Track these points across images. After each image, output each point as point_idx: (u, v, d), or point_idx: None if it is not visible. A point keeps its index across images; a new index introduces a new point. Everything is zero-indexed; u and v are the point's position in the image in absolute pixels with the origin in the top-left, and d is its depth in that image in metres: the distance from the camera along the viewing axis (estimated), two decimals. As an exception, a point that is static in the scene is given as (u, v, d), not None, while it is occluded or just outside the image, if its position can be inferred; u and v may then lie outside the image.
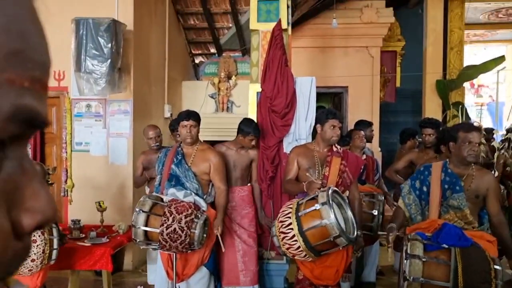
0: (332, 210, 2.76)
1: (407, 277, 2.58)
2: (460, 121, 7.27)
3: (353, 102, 7.90)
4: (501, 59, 8.07)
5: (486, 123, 10.27)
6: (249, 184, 4.10)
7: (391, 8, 7.95)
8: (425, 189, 2.97)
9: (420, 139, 5.01)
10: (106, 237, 4.12)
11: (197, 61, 7.76)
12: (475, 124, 3.00)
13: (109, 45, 4.74)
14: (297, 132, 4.21)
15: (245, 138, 3.89)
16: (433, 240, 2.64)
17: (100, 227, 4.33)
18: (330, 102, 9.18)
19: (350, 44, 7.87)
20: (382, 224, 4.24)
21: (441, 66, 8.55)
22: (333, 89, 8.06)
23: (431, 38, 8.56)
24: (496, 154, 5.39)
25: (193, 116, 3.60)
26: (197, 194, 3.55)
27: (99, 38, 4.72)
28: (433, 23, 8.60)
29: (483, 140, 4.52)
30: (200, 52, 7.70)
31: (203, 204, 3.54)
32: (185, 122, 3.57)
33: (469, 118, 7.76)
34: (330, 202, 2.77)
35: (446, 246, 2.58)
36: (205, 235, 3.38)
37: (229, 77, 7.14)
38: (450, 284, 2.50)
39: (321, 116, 3.35)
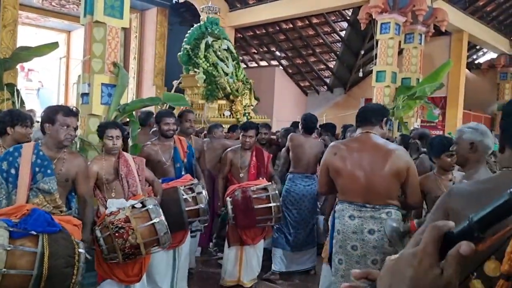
0: None
1: None
2: (15, 106, 6.95)
3: None
4: (55, 45, 8.11)
5: (37, 107, 10.26)
6: None
7: None
8: (13, 171, 2.80)
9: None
10: None
11: None
12: (73, 109, 3.03)
13: None
14: None
15: None
16: (20, 226, 2.50)
17: None
18: None
19: None
20: None
21: (-6, 42, 7.97)
22: None
23: (-16, 11, 7.81)
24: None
25: None
26: None
27: None
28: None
29: None
30: None
31: None
32: None
33: (24, 102, 7.54)
34: None
35: (35, 233, 2.50)
36: None
37: None
38: (35, 272, 2.44)
39: None
